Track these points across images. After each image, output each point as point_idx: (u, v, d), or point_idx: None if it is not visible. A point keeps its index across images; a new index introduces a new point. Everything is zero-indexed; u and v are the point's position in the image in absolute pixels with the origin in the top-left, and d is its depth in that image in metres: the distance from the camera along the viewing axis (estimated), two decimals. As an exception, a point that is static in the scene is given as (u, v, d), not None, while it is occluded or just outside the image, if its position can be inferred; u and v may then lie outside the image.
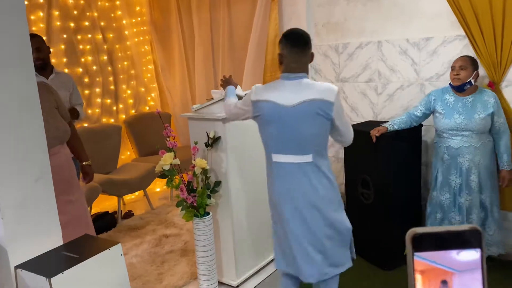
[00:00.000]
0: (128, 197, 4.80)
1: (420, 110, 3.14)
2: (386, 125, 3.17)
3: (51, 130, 2.38)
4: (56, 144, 2.50)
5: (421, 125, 3.33)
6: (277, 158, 2.09)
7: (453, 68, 2.95)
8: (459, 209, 2.99)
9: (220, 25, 4.56)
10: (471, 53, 3.12)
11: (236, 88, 2.54)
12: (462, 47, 3.22)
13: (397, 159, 3.25)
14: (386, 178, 3.21)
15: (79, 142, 2.83)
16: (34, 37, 3.05)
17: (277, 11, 4.09)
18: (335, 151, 4.08)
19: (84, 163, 2.86)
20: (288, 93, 2.03)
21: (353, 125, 3.58)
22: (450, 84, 3.00)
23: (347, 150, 3.49)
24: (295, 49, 2.06)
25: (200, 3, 4.73)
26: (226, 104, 2.41)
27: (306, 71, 2.11)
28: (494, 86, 3.07)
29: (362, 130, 3.28)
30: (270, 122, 2.07)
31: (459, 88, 2.94)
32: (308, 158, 2.05)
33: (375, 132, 3.09)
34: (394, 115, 3.57)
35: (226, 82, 2.60)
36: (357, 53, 3.79)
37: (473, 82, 2.92)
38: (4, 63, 1.71)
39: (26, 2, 3.88)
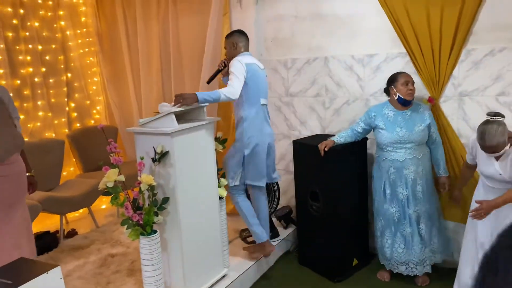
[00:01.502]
0: (72, 215, 4.57)
1: (361, 126, 3.23)
2: (334, 138, 3.23)
3: (10, 138, 2.42)
4: (14, 152, 2.54)
5: (366, 139, 3.43)
6: (263, 101, 3.21)
7: (407, 83, 3.03)
8: (409, 221, 3.08)
9: (170, 37, 4.49)
10: (412, 69, 3.26)
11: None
12: (404, 64, 3.36)
13: (344, 172, 3.32)
14: (334, 190, 3.27)
15: (22, 153, 2.84)
16: None
17: (228, 25, 4.09)
18: (285, 164, 4.11)
19: (27, 174, 2.86)
20: (255, 61, 3.23)
21: (302, 139, 3.67)
22: (400, 98, 3.05)
23: (297, 163, 3.53)
24: (245, 37, 3.28)
25: (147, 15, 4.64)
26: (226, 92, 2.87)
27: None
28: (433, 101, 3.22)
29: (310, 143, 3.33)
30: (257, 78, 3.15)
31: (409, 102, 3.06)
32: (267, 101, 3.31)
33: (323, 147, 3.14)
34: (340, 128, 3.66)
35: (184, 98, 2.72)
36: (305, 69, 3.86)
37: None
38: None
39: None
